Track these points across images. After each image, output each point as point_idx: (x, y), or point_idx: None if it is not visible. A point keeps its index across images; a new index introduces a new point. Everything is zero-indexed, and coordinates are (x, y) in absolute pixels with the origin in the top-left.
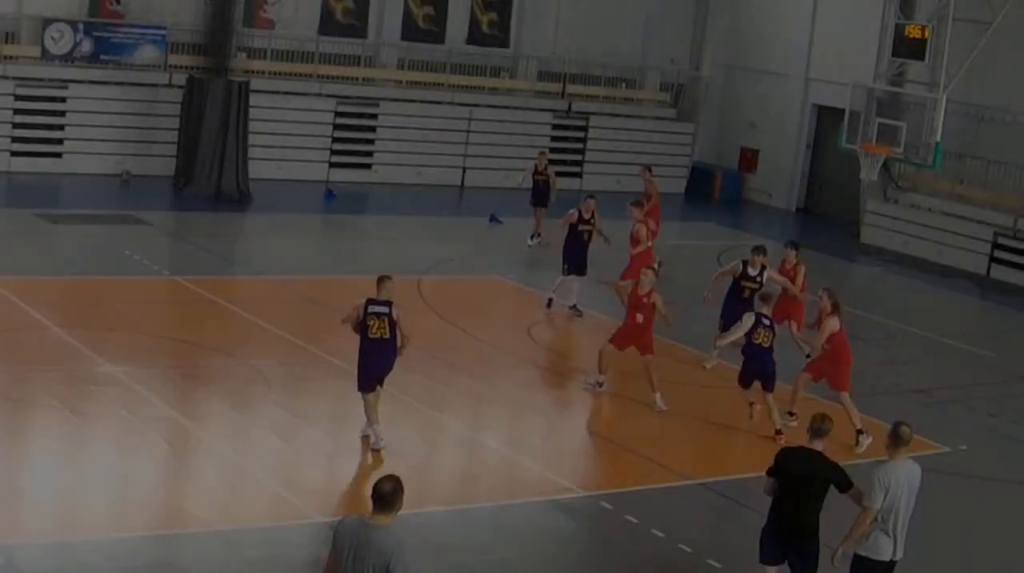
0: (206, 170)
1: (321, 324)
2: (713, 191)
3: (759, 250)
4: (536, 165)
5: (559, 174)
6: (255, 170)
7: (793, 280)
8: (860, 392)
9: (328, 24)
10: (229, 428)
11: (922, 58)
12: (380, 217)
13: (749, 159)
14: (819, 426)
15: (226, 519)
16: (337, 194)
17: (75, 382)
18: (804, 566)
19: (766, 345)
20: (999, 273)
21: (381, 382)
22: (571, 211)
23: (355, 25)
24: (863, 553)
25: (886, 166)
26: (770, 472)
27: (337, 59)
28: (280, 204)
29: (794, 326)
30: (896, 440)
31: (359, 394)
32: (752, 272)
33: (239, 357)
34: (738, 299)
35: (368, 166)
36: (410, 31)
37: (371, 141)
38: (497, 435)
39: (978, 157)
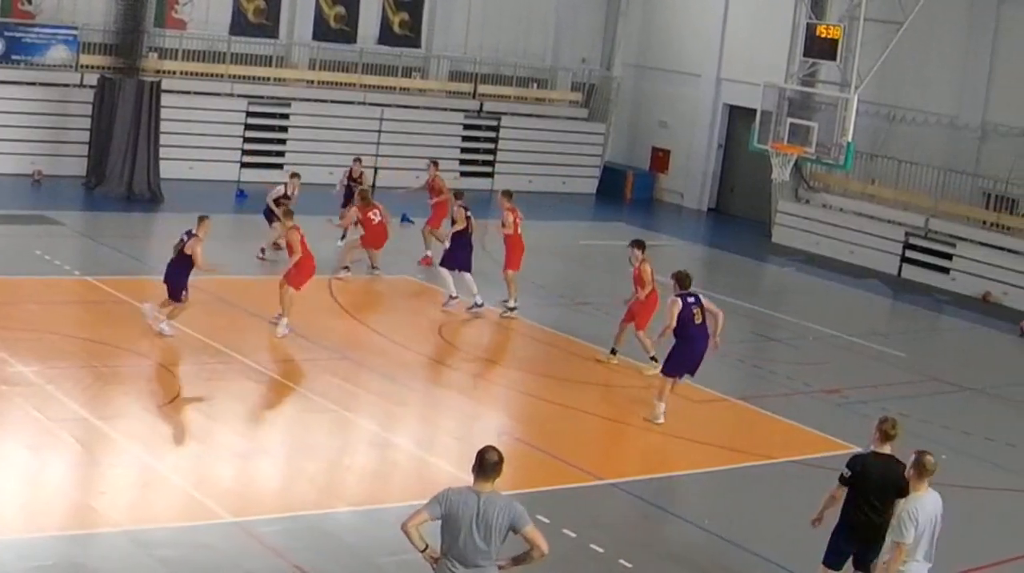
0: (118, 170)
1: (233, 324)
2: (625, 191)
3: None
4: (351, 171)
5: (471, 174)
6: (166, 170)
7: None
8: (772, 393)
9: (239, 24)
10: (141, 428)
11: (834, 58)
12: None
13: (660, 159)
14: (890, 431)
15: (138, 519)
16: (248, 194)
17: None
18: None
19: None
20: (910, 273)
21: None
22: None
23: (266, 25)
24: None
25: (798, 166)
26: (844, 480)
27: (248, 59)
28: (191, 204)
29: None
30: (920, 470)
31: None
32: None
33: (151, 357)
34: None
35: (280, 166)
36: (321, 31)
37: (283, 141)
38: (408, 435)
39: (890, 157)
